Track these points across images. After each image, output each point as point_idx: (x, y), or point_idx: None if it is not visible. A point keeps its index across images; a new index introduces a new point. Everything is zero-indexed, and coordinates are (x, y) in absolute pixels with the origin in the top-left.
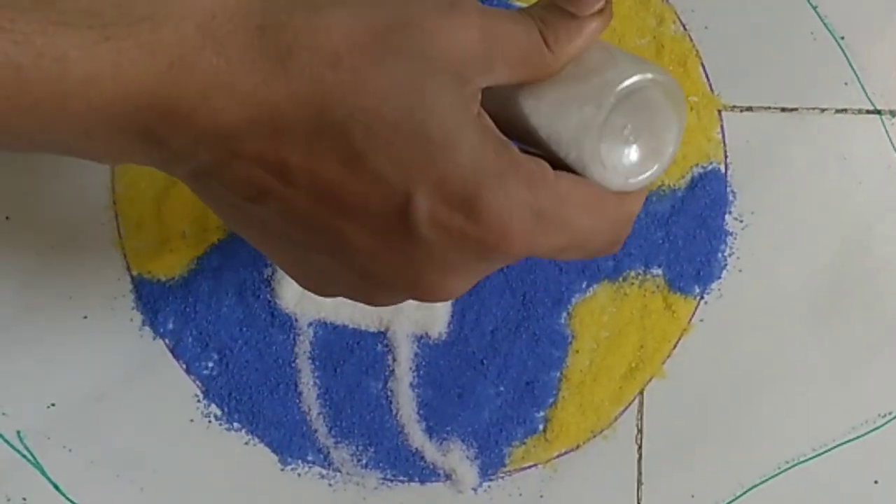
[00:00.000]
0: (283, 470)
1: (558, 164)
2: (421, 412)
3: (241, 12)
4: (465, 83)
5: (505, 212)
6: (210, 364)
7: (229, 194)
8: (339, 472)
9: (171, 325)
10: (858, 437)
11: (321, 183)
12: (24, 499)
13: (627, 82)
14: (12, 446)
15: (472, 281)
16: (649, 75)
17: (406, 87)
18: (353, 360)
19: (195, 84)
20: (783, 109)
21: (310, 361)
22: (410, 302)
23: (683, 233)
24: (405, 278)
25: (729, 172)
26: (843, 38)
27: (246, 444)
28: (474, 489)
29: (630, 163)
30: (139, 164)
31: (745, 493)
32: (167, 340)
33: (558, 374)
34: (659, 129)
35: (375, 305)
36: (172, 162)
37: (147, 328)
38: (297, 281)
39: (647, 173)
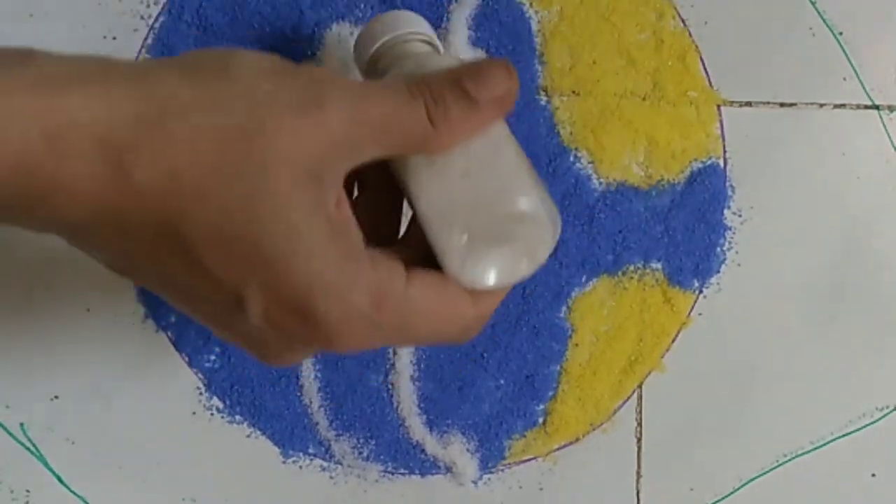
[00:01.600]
0: (284, 462)
1: (424, 241)
2: (421, 405)
3: (87, 123)
4: (322, 177)
5: (337, 322)
6: (212, 357)
7: (96, 258)
8: (341, 464)
9: (173, 319)
10: (856, 430)
11: (165, 275)
12: (28, 490)
13: (514, 208)
14: (16, 438)
15: (311, 355)
16: (524, 205)
17: (243, 200)
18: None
19: (36, 186)
20: (782, 105)
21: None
22: None
23: (682, 227)
24: (252, 351)
25: (728, 167)
26: (841, 33)
27: (248, 436)
28: (474, 482)
29: (496, 266)
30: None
31: (743, 485)
32: (170, 333)
33: (558, 368)
34: (533, 241)
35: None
36: (41, 231)
37: (150, 321)
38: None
39: (510, 277)
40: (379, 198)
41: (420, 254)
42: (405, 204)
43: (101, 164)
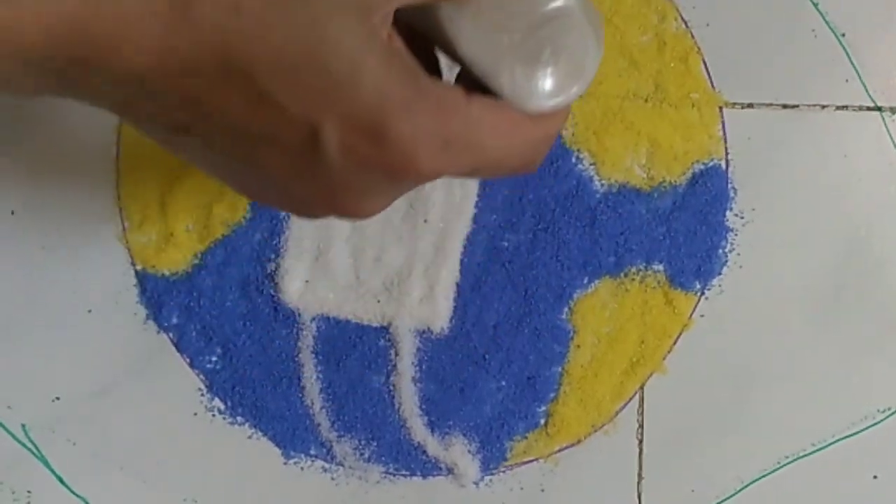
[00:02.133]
0: (285, 464)
1: (478, 82)
2: (423, 406)
3: None
4: (371, 11)
5: (410, 139)
6: (214, 358)
7: (153, 127)
8: (342, 465)
9: (175, 320)
10: (858, 432)
11: (234, 119)
12: (29, 491)
13: (546, 8)
14: (17, 439)
15: (389, 200)
16: (568, 2)
17: (306, 27)
18: (355, 354)
19: (100, 33)
20: (784, 106)
21: (313, 356)
22: (413, 297)
23: (684, 229)
24: (322, 199)
25: (730, 169)
26: (843, 34)
27: (249, 437)
28: (476, 483)
29: (548, 85)
30: (63, 98)
31: (744, 487)
32: (171, 335)
33: (559, 369)
34: (577, 51)
35: (308, 218)
36: (94, 98)
37: (151, 322)
38: (235, 190)
39: (565, 95)
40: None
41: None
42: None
43: (161, 2)
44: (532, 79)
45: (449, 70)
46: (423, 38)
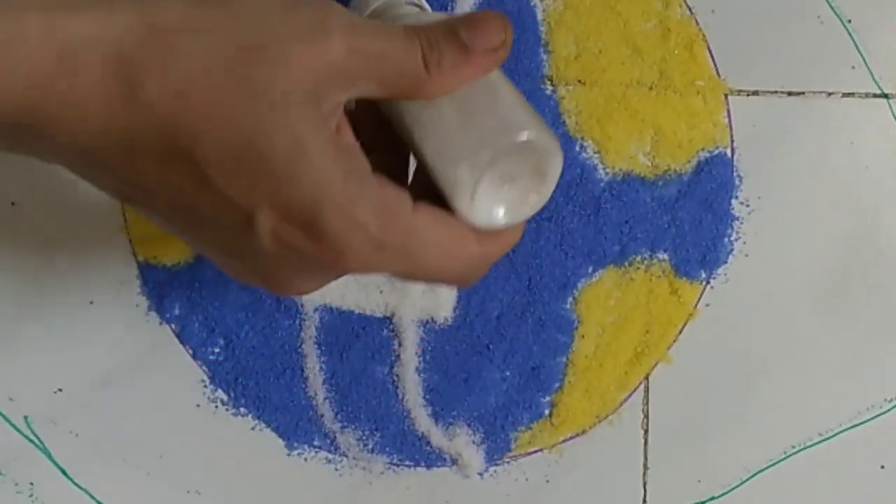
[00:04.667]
0: (289, 455)
1: (430, 184)
2: (427, 397)
3: (98, 42)
4: (320, 102)
5: (343, 237)
6: (216, 349)
7: (101, 188)
8: (346, 456)
9: (177, 311)
10: (865, 421)
11: (174, 197)
12: (31, 483)
13: (504, 142)
14: (19, 431)
15: (319, 284)
16: (525, 136)
17: (250, 117)
18: (358, 345)
19: (49, 108)
20: (790, 93)
21: (316, 346)
22: (416, 288)
23: (690, 217)
24: (258, 276)
25: (735, 157)
26: (849, 21)
27: (252, 429)
28: (480, 474)
29: (504, 204)
30: (16, 154)
31: (751, 477)
32: (173, 326)
33: (564, 360)
34: (538, 171)
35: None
36: (43, 159)
37: (153, 313)
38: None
39: (519, 213)
40: (382, 153)
41: (426, 196)
42: (410, 159)
43: (111, 82)
44: (489, 197)
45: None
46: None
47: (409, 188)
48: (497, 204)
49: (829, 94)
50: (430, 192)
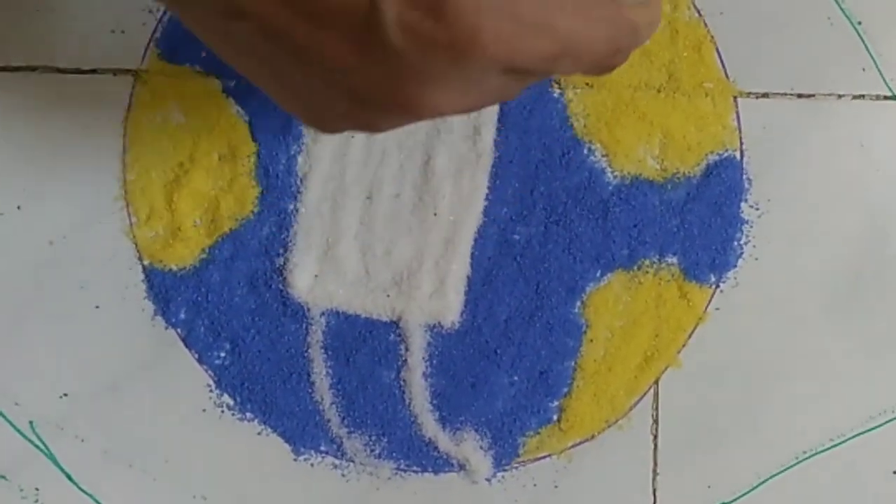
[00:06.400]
0: (295, 460)
1: None
2: (434, 402)
3: None
4: None
5: (474, 12)
6: (222, 354)
7: (209, 15)
8: (353, 462)
9: (183, 315)
10: (876, 427)
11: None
12: (37, 489)
13: None
14: (25, 436)
15: (452, 96)
16: None
17: None
18: (365, 349)
19: None
20: (799, 96)
21: (322, 351)
22: (423, 292)
23: (699, 221)
24: (385, 91)
25: (745, 159)
26: (860, 23)
27: (258, 434)
28: (488, 479)
29: None
30: None
31: (762, 483)
32: (179, 330)
33: (573, 364)
34: None
35: (372, 131)
36: None
37: (159, 318)
38: (287, 108)
39: None
40: None
41: None
42: None
43: None
44: None
45: None
46: None
47: None
48: None
49: (840, 96)
50: None
